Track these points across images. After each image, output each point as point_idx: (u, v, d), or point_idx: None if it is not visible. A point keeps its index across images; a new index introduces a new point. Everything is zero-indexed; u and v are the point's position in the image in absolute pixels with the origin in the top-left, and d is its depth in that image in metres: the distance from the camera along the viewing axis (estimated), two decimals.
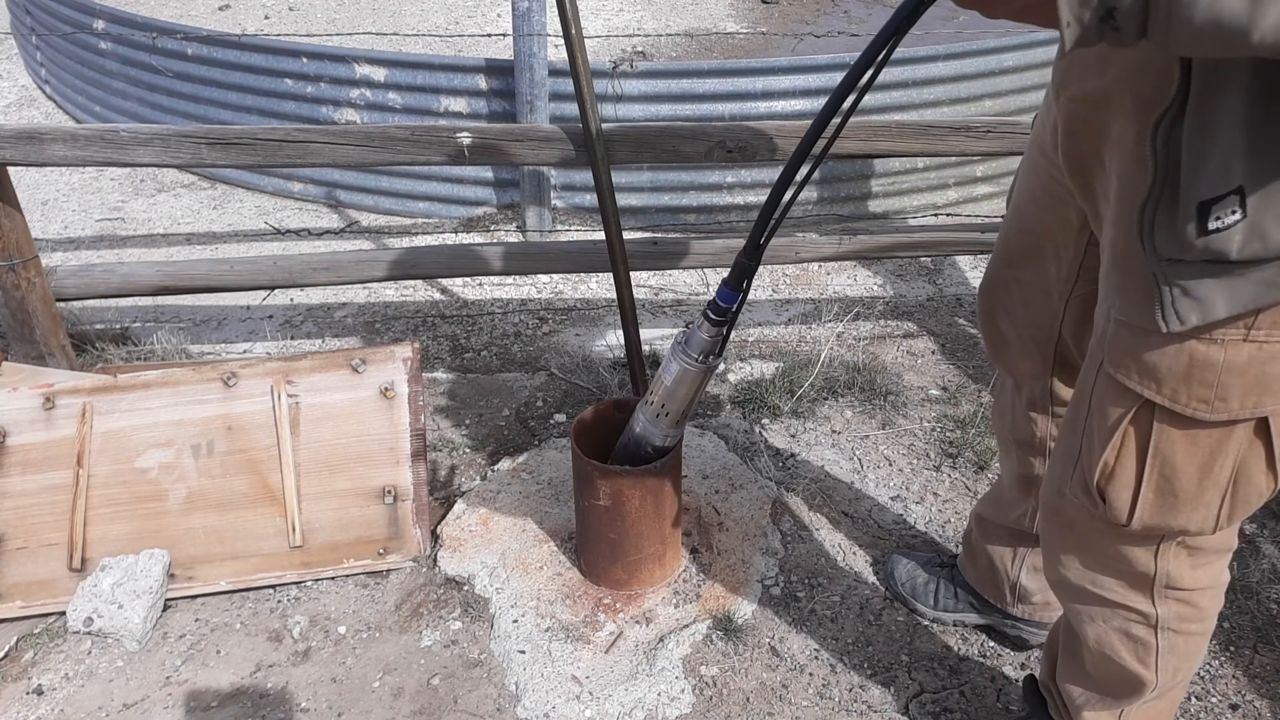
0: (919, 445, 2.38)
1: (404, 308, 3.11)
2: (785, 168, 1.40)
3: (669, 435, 1.74)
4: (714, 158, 2.15)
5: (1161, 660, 1.25)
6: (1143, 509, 1.06)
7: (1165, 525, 1.08)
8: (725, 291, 1.56)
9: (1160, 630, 1.22)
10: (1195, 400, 0.95)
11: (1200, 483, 1.02)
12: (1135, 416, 1.02)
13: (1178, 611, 1.21)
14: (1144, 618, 1.22)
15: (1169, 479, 1.03)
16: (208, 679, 1.73)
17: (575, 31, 1.94)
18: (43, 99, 5.24)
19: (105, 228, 3.73)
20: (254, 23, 5.33)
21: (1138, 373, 0.99)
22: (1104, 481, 1.08)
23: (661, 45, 4.90)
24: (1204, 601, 1.21)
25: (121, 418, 1.96)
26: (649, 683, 1.70)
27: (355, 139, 2.09)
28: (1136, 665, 1.26)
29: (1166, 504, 1.05)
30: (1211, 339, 0.91)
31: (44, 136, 2.05)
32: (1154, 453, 1.02)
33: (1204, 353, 0.92)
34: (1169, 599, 1.20)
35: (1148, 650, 1.24)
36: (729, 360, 2.76)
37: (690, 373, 1.65)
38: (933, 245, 2.62)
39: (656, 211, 3.67)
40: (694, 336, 1.63)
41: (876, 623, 1.85)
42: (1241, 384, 0.93)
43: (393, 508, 1.99)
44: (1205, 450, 1.00)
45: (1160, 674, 1.26)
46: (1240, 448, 0.99)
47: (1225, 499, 1.04)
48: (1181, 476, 1.02)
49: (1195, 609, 1.21)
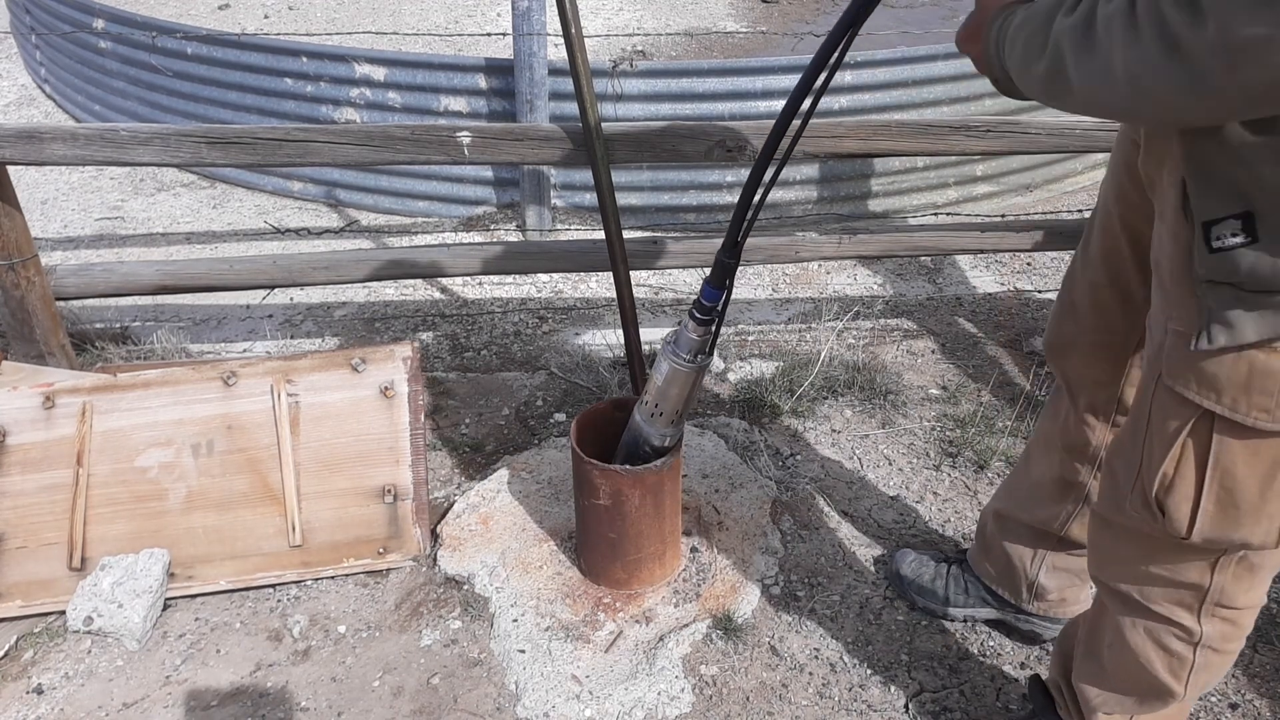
0: (919, 445, 2.38)
1: (404, 307, 3.11)
2: (754, 166, 1.44)
3: (665, 435, 1.74)
4: (714, 157, 2.15)
5: (1194, 676, 1.24)
6: (1203, 521, 1.05)
7: (1226, 538, 1.06)
8: (709, 290, 1.59)
9: (1200, 648, 1.21)
10: (1256, 410, 0.95)
11: (1262, 494, 1.01)
12: (1194, 428, 1.01)
13: (1221, 630, 1.20)
14: (1187, 634, 1.21)
15: (1230, 490, 1.02)
16: (207, 678, 1.73)
17: (575, 31, 1.94)
18: (42, 98, 5.24)
19: (105, 227, 3.73)
20: (254, 22, 5.33)
21: (1196, 383, 0.99)
22: (1163, 494, 1.07)
23: (661, 44, 4.90)
24: (1246, 620, 1.20)
25: (121, 417, 1.96)
26: (649, 682, 1.70)
27: (355, 138, 2.09)
28: (1168, 678, 1.25)
29: (1228, 516, 1.04)
30: (1273, 348, 0.91)
31: (44, 136, 2.05)
32: (1214, 464, 1.01)
33: (1264, 361, 0.92)
34: (1215, 617, 1.19)
35: (1183, 665, 1.23)
36: (729, 360, 2.76)
37: (680, 372, 1.66)
38: (933, 245, 2.62)
39: (656, 211, 3.67)
40: (682, 336, 1.65)
41: (876, 622, 1.85)
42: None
43: (392, 507, 1.99)
44: (1267, 461, 0.99)
45: (1189, 689, 1.25)
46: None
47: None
48: (1243, 488, 1.01)
49: (1237, 628, 1.20)
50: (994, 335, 2.93)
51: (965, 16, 1.11)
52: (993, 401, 2.56)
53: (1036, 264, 3.45)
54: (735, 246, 1.52)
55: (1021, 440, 2.36)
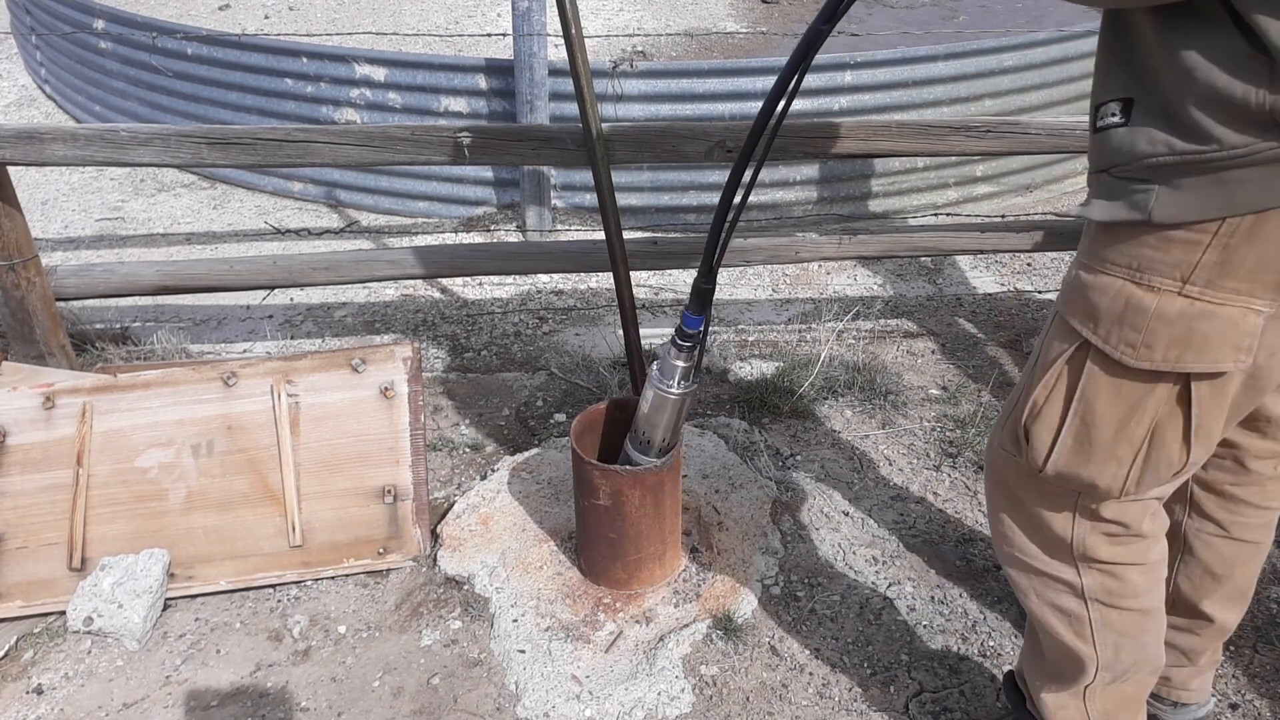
0: (919, 445, 2.38)
1: (404, 307, 3.11)
2: (723, 192, 1.51)
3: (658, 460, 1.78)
4: (714, 158, 2.15)
5: (1098, 635, 1.25)
6: (1059, 454, 1.09)
7: (1075, 475, 1.10)
8: (690, 318, 1.63)
9: (1090, 602, 1.23)
10: (1124, 344, 0.99)
11: (1116, 435, 1.05)
12: (1072, 356, 1.06)
13: (1103, 584, 1.21)
14: (1071, 587, 1.23)
15: (1089, 426, 1.06)
16: (208, 678, 1.73)
17: (575, 31, 1.94)
18: (42, 99, 5.24)
19: (105, 227, 3.73)
20: (254, 22, 5.33)
21: (1082, 312, 1.04)
22: (1031, 420, 1.11)
23: (661, 45, 4.90)
24: (1131, 576, 1.21)
25: (121, 417, 1.96)
26: (649, 682, 1.70)
27: (355, 139, 2.09)
28: (1074, 639, 1.27)
29: (1081, 452, 1.08)
30: (1148, 286, 0.96)
31: (44, 136, 2.05)
32: (1080, 396, 1.06)
33: (1139, 298, 0.97)
34: (1091, 569, 1.21)
35: (1081, 623, 1.25)
36: (729, 360, 2.76)
37: (667, 399, 1.71)
38: (933, 245, 2.62)
39: (656, 211, 3.67)
40: (665, 364, 1.69)
41: (876, 622, 1.85)
42: (1168, 334, 0.96)
43: (392, 507, 1.99)
44: (1127, 402, 1.03)
45: (1100, 649, 1.26)
46: (1159, 409, 1.02)
47: (1136, 459, 1.06)
48: (1100, 425, 1.05)
49: (1121, 583, 1.21)
50: (994, 335, 2.93)
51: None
52: (993, 402, 2.56)
53: (1036, 264, 3.45)
54: (711, 272, 1.57)
55: None
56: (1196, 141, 0.86)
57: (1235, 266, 0.91)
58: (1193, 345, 0.96)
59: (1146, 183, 0.92)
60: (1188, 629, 1.50)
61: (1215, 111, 0.85)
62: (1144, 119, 0.91)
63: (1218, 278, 0.92)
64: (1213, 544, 1.41)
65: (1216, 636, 1.50)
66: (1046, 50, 3.75)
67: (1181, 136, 0.87)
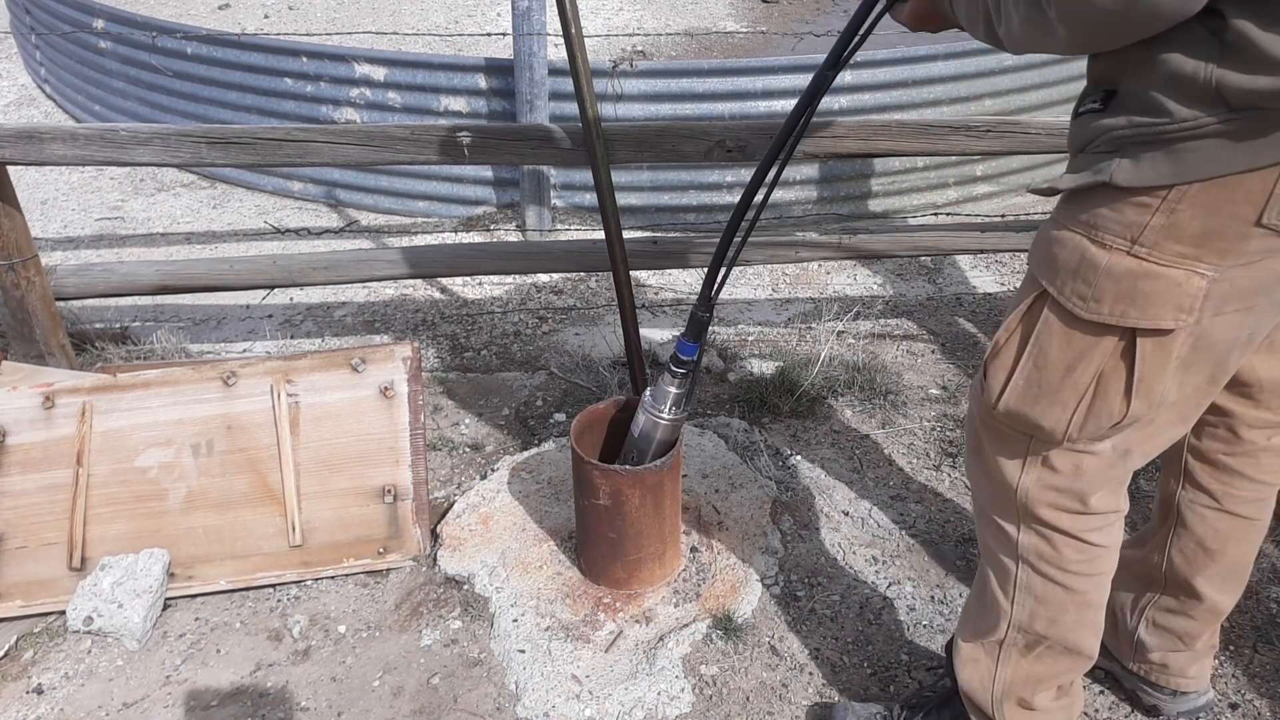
0: (919, 445, 2.38)
1: (404, 307, 3.11)
2: (727, 226, 1.56)
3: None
4: (714, 157, 2.15)
5: (1018, 595, 1.29)
6: (1010, 393, 1.16)
7: (1024, 414, 1.16)
8: (685, 344, 1.68)
9: (1020, 560, 1.28)
10: (1075, 295, 1.06)
11: (1063, 380, 1.11)
12: (1032, 304, 1.13)
13: (1036, 546, 1.25)
14: (1008, 540, 1.28)
15: (1040, 369, 1.13)
16: (208, 678, 1.73)
17: (575, 31, 1.94)
18: (42, 98, 5.24)
19: (105, 227, 3.73)
20: (254, 22, 5.33)
21: (1045, 264, 1.11)
22: (990, 359, 1.19)
23: (661, 44, 4.90)
24: (1064, 549, 1.24)
25: (121, 417, 1.96)
26: (649, 682, 1.70)
27: (355, 138, 2.09)
28: (998, 590, 1.32)
29: (1030, 394, 1.14)
30: (1101, 244, 1.03)
31: (44, 136, 2.05)
32: (1034, 340, 1.13)
33: (1093, 254, 1.03)
34: (1030, 529, 1.25)
35: (1007, 577, 1.30)
36: (729, 360, 2.76)
37: (659, 425, 1.74)
38: (933, 245, 2.62)
39: (656, 211, 3.67)
40: (659, 390, 1.72)
41: (876, 622, 1.85)
42: (1115, 290, 1.03)
43: (392, 507, 1.99)
44: (1075, 350, 1.09)
45: (1015, 607, 1.30)
46: (1104, 359, 1.08)
47: (1080, 405, 1.11)
48: (1050, 369, 1.12)
49: (1053, 551, 1.25)
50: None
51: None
52: None
53: None
54: (709, 301, 1.62)
55: None
56: (1153, 115, 0.95)
57: (1181, 231, 0.97)
58: (1137, 302, 1.02)
59: (1110, 154, 1.00)
60: (1180, 610, 1.51)
61: (1171, 90, 0.92)
62: (1118, 106, 0.99)
63: (1164, 240, 0.98)
64: (1205, 516, 1.42)
65: (1210, 619, 1.50)
66: None
67: (1142, 113, 0.96)
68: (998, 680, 1.37)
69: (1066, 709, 1.41)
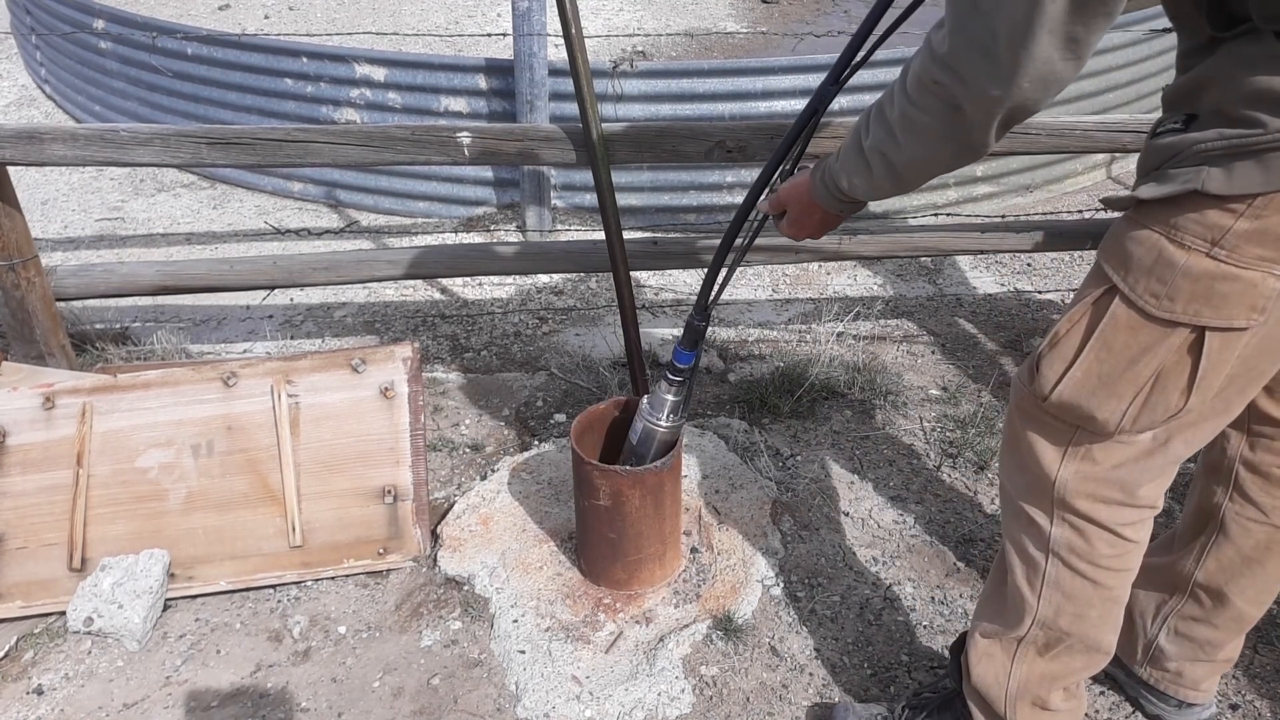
0: (919, 445, 2.38)
1: (404, 307, 3.11)
2: (725, 235, 1.58)
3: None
4: (714, 158, 2.15)
5: (1046, 589, 1.29)
6: (1067, 384, 1.16)
7: (1078, 405, 1.16)
8: (681, 353, 1.70)
9: (1050, 554, 1.28)
10: (1149, 294, 1.07)
11: (1123, 373, 1.12)
12: (1100, 298, 1.14)
13: (1068, 539, 1.26)
14: (1039, 534, 1.28)
15: (1101, 361, 1.13)
16: (208, 679, 1.73)
17: (575, 31, 1.94)
18: (42, 98, 5.24)
19: (105, 227, 3.73)
20: (254, 22, 5.33)
21: (1117, 259, 1.12)
22: (1047, 349, 1.19)
23: (661, 45, 4.90)
24: (1097, 543, 1.24)
25: (121, 417, 1.96)
26: (649, 683, 1.70)
27: (355, 139, 2.09)
28: (1024, 585, 1.32)
29: (1087, 386, 1.15)
30: (1181, 244, 1.04)
31: (44, 136, 2.05)
32: (1099, 334, 1.13)
33: (1170, 253, 1.05)
34: (1063, 521, 1.25)
35: (1035, 571, 1.30)
36: (729, 360, 2.76)
37: (656, 432, 1.75)
38: (933, 245, 2.62)
39: (656, 211, 3.67)
40: (656, 398, 1.74)
41: (876, 623, 1.85)
42: (1190, 290, 1.04)
43: (393, 507, 1.99)
44: (1140, 344, 1.10)
45: (1041, 603, 1.30)
46: (1169, 355, 1.09)
47: (1137, 398, 1.12)
48: (1112, 361, 1.12)
49: (1087, 545, 1.25)
50: (994, 335, 2.93)
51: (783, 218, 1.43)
52: (993, 402, 2.56)
53: (1036, 264, 3.45)
54: (705, 310, 1.64)
55: None
56: (1244, 128, 0.98)
57: (1265, 235, 1.00)
58: (1212, 302, 1.04)
59: (1198, 166, 1.02)
60: (1204, 619, 1.50)
61: (1260, 105, 0.96)
62: (1202, 125, 1.02)
63: (1245, 244, 1.00)
64: (1250, 529, 1.42)
65: (1234, 629, 1.50)
66: None
67: (1231, 126, 0.99)
68: (1012, 677, 1.37)
69: (1075, 711, 1.41)
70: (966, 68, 1.00)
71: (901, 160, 1.17)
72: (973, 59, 0.99)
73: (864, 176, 1.23)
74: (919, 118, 1.10)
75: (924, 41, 1.07)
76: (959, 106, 1.04)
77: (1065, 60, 0.95)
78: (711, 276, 1.61)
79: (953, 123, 1.07)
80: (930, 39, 1.06)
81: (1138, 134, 2.24)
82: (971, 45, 0.98)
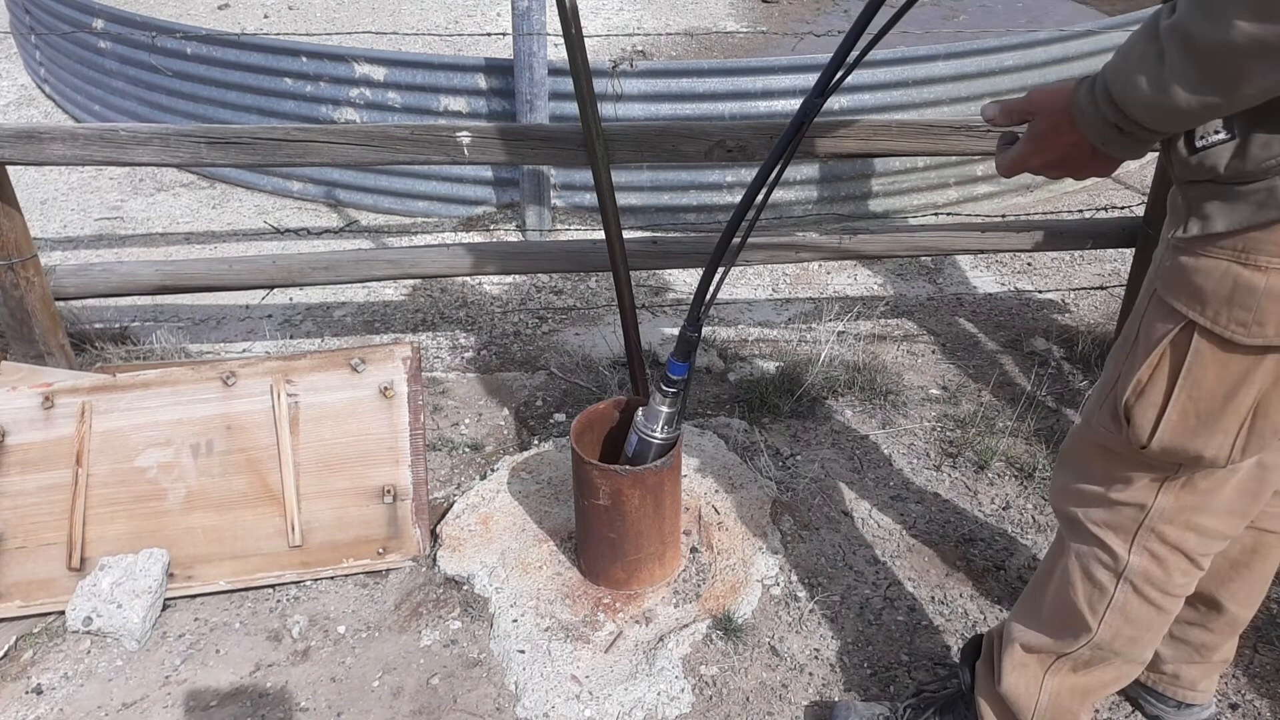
0: (919, 445, 2.38)
1: (404, 307, 3.11)
2: (717, 245, 1.59)
3: None
4: (714, 157, 2.15)
5: (1109, 614, 1.27)
6: (1165, 429, 1.11)
7: (1182, 448, 1.11)
8: (674, 364, 1.71)
9: (1122, 580, 1.25)
10: (1234, 323, 1.01)
11: (1223, 408, 1.07)
12: (1177, 337, 1.07)
13: (1145, 568, 1.23)
14: (1113, 561, 1.25)
15: (1195, 400, 1.08)
16: (207, 678, 1.73)
17: (575, 31, 1.94)
18: (42, 98, 5.24)
19: (104, 227, 3.73)
20: (253, 22, 5.33)
21: (1185, 294, 1.04)
22: (1134, 398, 1.12)
23: (661, 44, 4.90)
24: (1174, 572, 1.23)
25: (120, 417, 1.96)
26: (649, 682, 1.69)
27: (355, 138, 2.09)
28: (1085, 607, 1.29)
29: (1187, 426, 1.09)
30: (1256, 266, 0.97)
31: (43, 136, 2.05)
32: (1186, 373, 1.07)
33: (1248, 278, 0.98)
34: (1146, 549, 1.22)
35: (1102, 597, 1.27)
36: (729, 360, 2.76)
37: (651, 444, 1.76)
38: (933, 245, 2.61)
39: (656, 211, 3.67)
40: (651, 409, 1.75)
41: (876, 623, 1.85)
42: (1279, 311, 0.98)
43: (392, 507, 1.99)
44: (1234, 375, 1.05)
45: (1102, 627, 1.28)
46: (1266, 379, 1.04)
47: (1242, 428, 1.08)
48: (1208, 399, 1.07)
49: (1164, 573, 1.23)
50: (994, 335, 2.93)
51: (1003, 143, 1.16)
52: (993, 402, 2.56)
53: (1037, 264, 3.45)
54: (698, 321, 1.64)
55: (1022, 441, 2.36)
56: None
57: None
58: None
59: (1266, 180, 0.95)
60: (1199, 622, 1.50)
61: None
62: (1253, 131, 0.94)
63: None
64: (1237, 535, 1.41)
65: (1228, 631, 1.50)
66: (1047, 50, 3.75)
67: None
68: (1044, 689, 1.36)
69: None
70: None
71: (1216, 38, 0.82)
72: None
73: (1154, 70, 0.89)
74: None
75: None
76: None
77: None
78: (703, 288, 1.63)
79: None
80: None
81: None
82: None
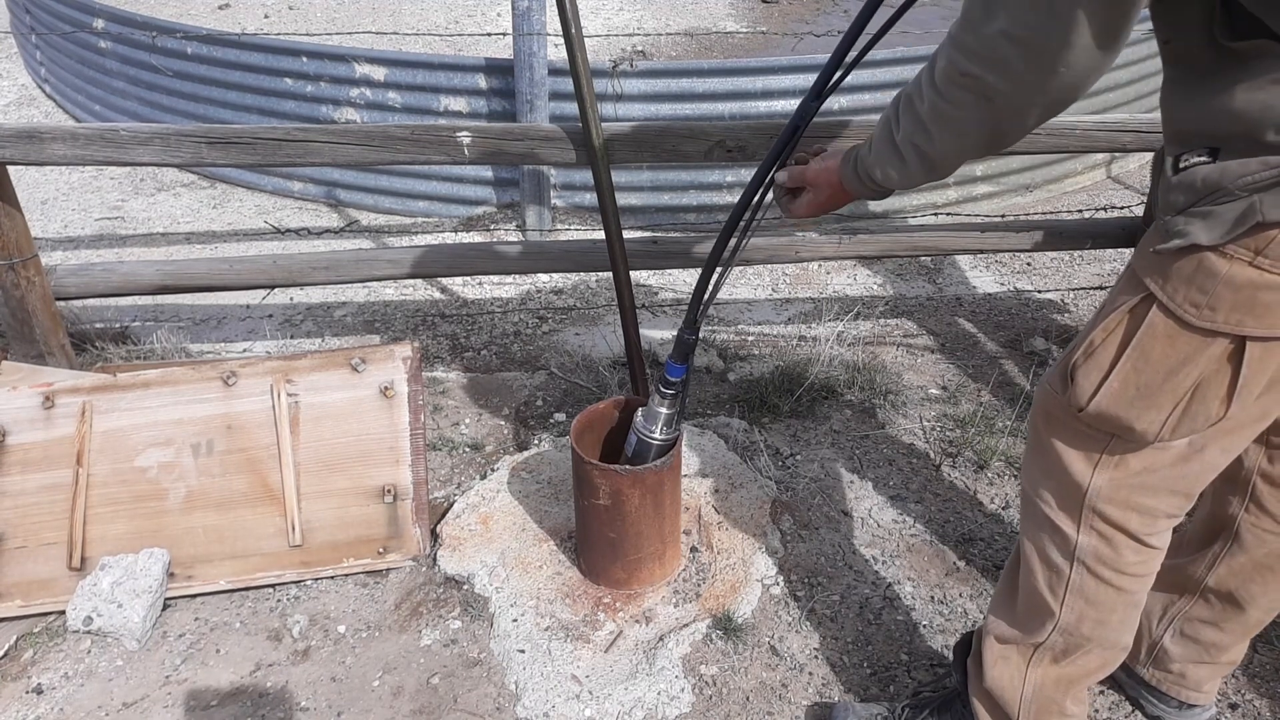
0: (919, 445, 2.38)
1: (404, 307, 3.11)
2: (712, 250, 1.61)
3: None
4: (714, 157, 2.15)
5: (1069, 597, 1.28)
6: (1104, 394, 1.14)
7: (1116, 416, 1.14)
8: (673, 366, 1.71)
9: (1075, 561, 1.26)
10: (1189, 303, 1.05)
11: (1163, 384, 1.10)
12: (1136, 307, 1.11)
13: (1095, 547, 1.24)
14: (1064, 542, 1.27)
15: (1139, 371, 1.11)
16: (207, 678, 1.73)
17: (575, 31, 1.94)
18: (42, 98, 5.25)
19: (105, 227, 3.73)
20: (254, 22, 5.33)
21: (1155, 269, 1.08)
22: (1082, 359, 1.16)
23: (661, 44, 4.90)
24: (1125, 551, 1.24)
25: (121, 417, 1.96)
26: (649, 682, 1.70)
27: (355, 138, 2.09)
28: (1046, 592, 1.30)
29: (1126, 395, 1.12)
30: (1223, 253, 1.00)
31: (44, 136, 2.05)
32: (1136, 343, 1.10)
33: (1212, 262, 1.02)
34: (1091, 530, 1.24)
35: (1059, 579, 1.29)
36: (729, 360, 2.76)
37: (651, 445, 1.77)
38: (933, 245, 2.62)
39: (656, 211, 3.67)
40: (650, 412, 1.77)
41: (876, 622, 1.85)
42: (1233, 299, 1.01)
43: (392, 507, 1.99)
44: (1180, 354, 1.08)
45: (1064, 610, 1.29)
46: (1209, 365, 1.07)
47: (1177, 408, 1.10)
48: (1150, 371, 1.10)
49: (1113, 553, 1.24)
50: (994, 335, 2.93)
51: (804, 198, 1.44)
52: (993, 401, 2.56)
53: (1036, 264, 3.45)
54: (695, 323, 1.65)
55: (1022, 440, 2.36)
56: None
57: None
58: (1255, 311, 1.01)
59: (1248, 198, 0.99)
60: (1213, 622, 1.50)
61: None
62: (1230, 155, 0.99)
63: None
64: (1265, 539, 1.41)
65: (1241, 633, 1.50)
66: None
67: (1273, 153, 0.96)
68: (1028, 681, 1.37)
69: (1080, 717, 1.41)
70: (999, 60, 0.98)
71: (935, 152, 1.15)
72: (1006, 50, 0.96)
73: (899, 168, 1.22)
74: (950, 111, 1.08)
75: (948, 35, 1.05)
76: (991, 98, 1.02)
77: (1103, 49, 0.93)
78: (700, 291, 1.63)
79: (985, 114, 1.05)
80: (955, 32, 1.03)
81: (1138, 133, 2.24)
82: (1004, 36, 0.95)
